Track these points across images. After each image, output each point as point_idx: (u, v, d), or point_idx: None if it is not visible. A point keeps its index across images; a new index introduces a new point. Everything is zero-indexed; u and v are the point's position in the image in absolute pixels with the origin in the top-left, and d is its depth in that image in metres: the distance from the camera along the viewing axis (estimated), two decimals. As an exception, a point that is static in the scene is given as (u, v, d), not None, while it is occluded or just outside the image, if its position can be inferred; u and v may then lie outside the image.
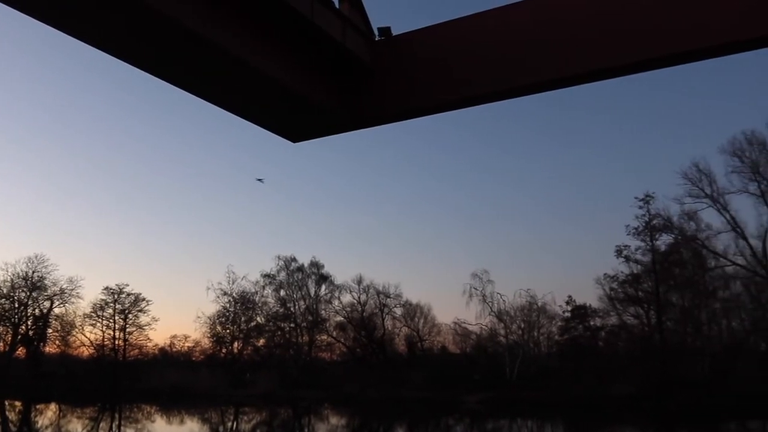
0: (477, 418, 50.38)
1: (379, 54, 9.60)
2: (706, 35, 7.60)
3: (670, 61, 8.28)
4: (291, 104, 9.11)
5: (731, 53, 8.16)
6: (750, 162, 56.68)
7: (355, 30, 9.31)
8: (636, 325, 57.54)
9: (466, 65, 9.07)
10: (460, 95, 9.28)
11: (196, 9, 7.07)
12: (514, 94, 9.64)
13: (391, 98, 9.47)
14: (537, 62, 8.79)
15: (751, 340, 55.31)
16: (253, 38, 7.96)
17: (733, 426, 43.90)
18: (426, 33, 9.52)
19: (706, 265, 56.78)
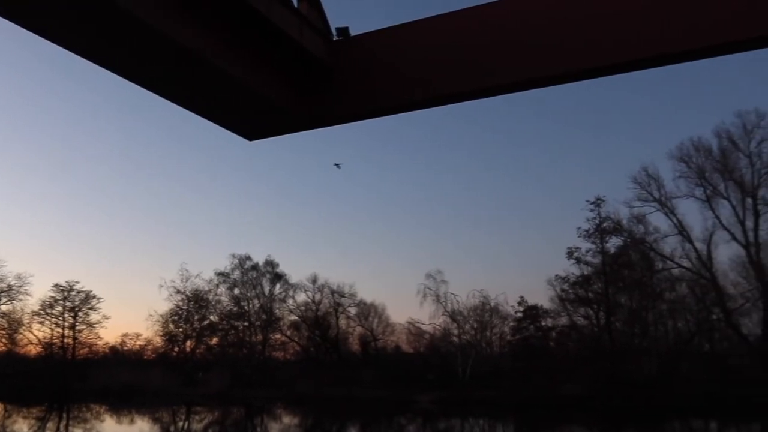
0: (429, 418, 50.68)
1: (337, 54, 9.57)
2: (668, 42, 7.81)
3: (627, 68, 8.46)
4: (247, 102, 9.01)
5: (697, 58, 8.37)
6: (696, 168, 58.64)
7: (313, 29, 9.27)
8: (586, 326, 58.76)
9: (424, 66, 9.11)
10: (418, 96, 9.32)
11: (151, 3, 6.95)
12: (472, 97, 9.73)
13: (349, 98, 9.46)
14: (493, 65, 8.89)
15: (696, 340, 57.07)
16: (209, 34, 7.84)
17: (678, 425, 45.11)
18: (384, 34, 9.53)
19: (653, 268, 58.39)
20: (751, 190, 56.68)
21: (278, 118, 9.73)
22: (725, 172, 57.87)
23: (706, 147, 58.69)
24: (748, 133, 57.34)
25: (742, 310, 55.71)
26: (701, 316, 56.05)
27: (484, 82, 9.05)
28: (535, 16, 8.66)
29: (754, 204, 56.34)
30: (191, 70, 8.03)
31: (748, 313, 55.75)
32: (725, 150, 58.20)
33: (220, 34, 8.02)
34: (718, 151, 58.43)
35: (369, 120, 10.49)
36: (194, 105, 9.26)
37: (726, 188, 57.69)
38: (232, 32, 8.21)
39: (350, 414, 53.63)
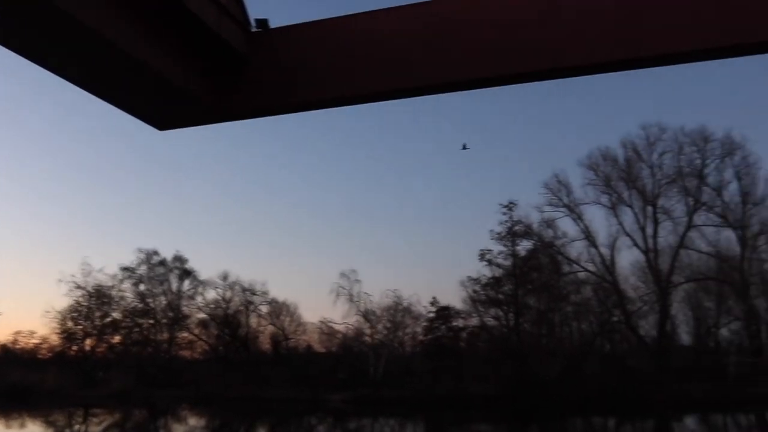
0: (340, 417, 50.62)
1: (255, 46, 9.36)
2: (577, 54, 8.07)
3: (544, 76, 8.69)
4: (160, 90, 8.67)
5: (618, 70, 8.67)
6: (603, 176, 61.49)
7: (232, 19, 9.04)
8: (496, 327, 60.22)
9: (343, 64, 9.04)
10: (336, 94, 9.24)
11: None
12: (389, 97, 9.73)
13: (266, 92, 9.27)
14: (410, 66, 8.93)
15: (598, 341, 59.65)
16: (121, 17, 7.49)
17: (579, 422, 46.90)
18: (304, 29, 9.40)
19: (560, 271, 60.67)
20: (651, 199, 59.94)
21: (191, 109, 9.43)
22: (629, 181, 60.99)
23: (613, 156, 61.75)
24: (651, 145, 60.70)
25: (641, 312, 58.92)
26: (603, 318, 58.68)
27: (401, 82, 9.06)
28: (456, 20, 8.75)
29: (654, 212, 59.65)
30: (98, 53, 7.64)
31: (645, 316, 59.05)
32: (630, 160, 61.38)
33: (133, 18, 7.67)
34: (624, 161, 61.63)
35: (287, 115, 10.34)
36: (100, 90, 8.84)
37: (629, 196, 60.86)
38: (146, 17, 7.89)
39: (260, 414, 52.85)
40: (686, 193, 59.43)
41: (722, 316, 58.32)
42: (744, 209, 57.93)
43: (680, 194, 59.69)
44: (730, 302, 57.58)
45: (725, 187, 58.85)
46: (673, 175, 60.00)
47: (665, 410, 46.00)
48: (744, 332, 56.20)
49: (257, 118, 10.21)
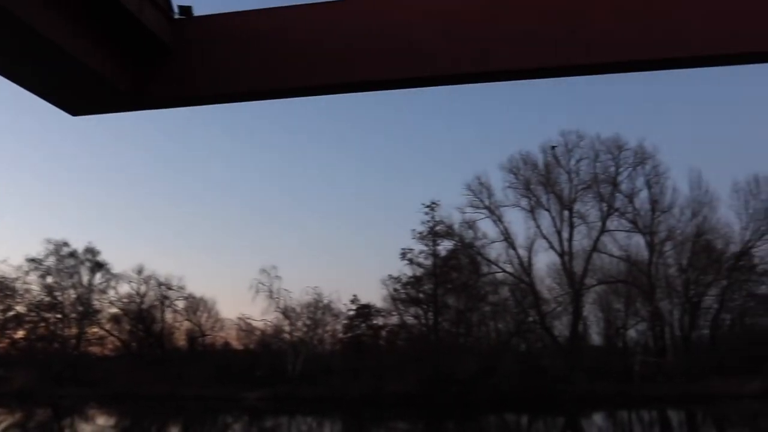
0: (257, 416, 50.00)
1: (178, 34, 9.03)
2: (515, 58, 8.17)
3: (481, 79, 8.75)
4: (75, 75, 8.22)
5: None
6: (523, 180, 63.15)
7: (154, 5, 8.68)
8: (415, 325, 60.87)
9: (268, 57, 8.82)
10: (260, 87, 9.01)
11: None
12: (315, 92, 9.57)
13: (187, 81, 8.95)
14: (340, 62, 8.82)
15: (514, 340, 61.19)
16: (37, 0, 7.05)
17: (494, 419, 47.99)
18: (230, 18, 9.14)
19: (479, 271, 61.90)
20: (568, 203, 62.05)
21: (108, 95, 8.99)
22: (548, 185, 62.88)
23: (533, 161, 63.50)
24: (569, 151, 62.80)
25: (555, 313, 60.85)
26: (519, 318, 60.27)
27: (327, 78, 8.93)
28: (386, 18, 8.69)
29: (570, 216, 61.77)
30: (11, 34, 7.16)
31: (559, 316, 60.99)
32: (549, 165, 63.27)
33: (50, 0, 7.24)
34: (543, 166, 63.42)
35: (209, 106, 10.04)
36: (10, 72, 8.31)
37: (548, 200, 62.76)
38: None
39: (173, 413, 51.49)
40: (600, 199, 61.86)
41: (630, 318, 60.93)
42: (653, 216, 60.87)
43: (595, 200, 62.12)
44: (638, 304, 60.25)
45: (636, 195, 61.68)
46: (589, 182, 62.33)
47: (576, 407, 47.70)
48: (649, 333, 58.97)
49: (179, 108, 9.86)
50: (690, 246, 59.68)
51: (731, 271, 57.86)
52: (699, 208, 60.19)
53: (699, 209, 60.18)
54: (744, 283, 58.51)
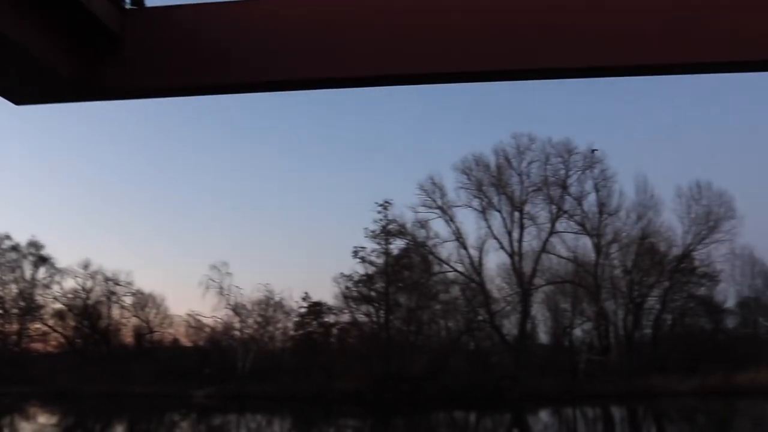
0: (204, 414, 49.37)
1: (130, 24, 8.85)
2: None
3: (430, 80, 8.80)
4: (18, 63, 7.97)
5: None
6: (476, 181, 63.91)
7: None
8: (366, 323, 61.01)
9: (221, 51, 8.68)
10: (212, 82, 8.84)
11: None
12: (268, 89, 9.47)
13: (137, 73, 8.74)
14: (296, 59, 8.75)
15: (463, 339, 61.91)
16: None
17: (442, 416, 48.47)
18: (184, 10, 9.01)
19: (431, 270, 62.43)
20: (519, 204, 63.16)
21: (53, 85, 8.71)
22: (499, 186, 63.84)
23: (485, 163, 64.33)
24: (520, 154, 63.89)
25: (504, 312, 61.84)
26: (469, 317, 60.99)
27: (281, 75, 8.82)
28: (353, 14, 8.67)
29: (521, 217, 62.90)
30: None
31: (508, 315, 62.02)
32: (501, 167, 64.24)
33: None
34: (495, 167, 64.33)
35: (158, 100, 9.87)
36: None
37: (499, 201, 63.74)
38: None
39: (119, 411, 50.40)
40: (550, 201, 63.18)
41: (576, 317, 62.38)
42: (600, 219, 62.53)
43: (545, 202, 63.43)
44: (584, 304, 61.75)
45: (585, 198, 63.25)
46: (540, 184, 63.62)
47: (523, 404, 48.57)
48: (594, 332, 60.46)
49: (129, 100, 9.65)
50: (635, 248, 61.49)
51: (673, 273, 59.80)
52: (644, 212, 62.16)
53: (644, 213, 62.15)
54: (685, 285, 60.55)
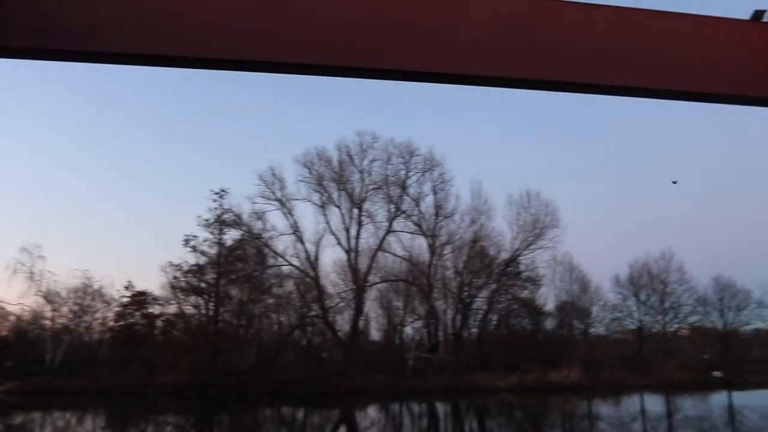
0: (4, 411, 45.98)
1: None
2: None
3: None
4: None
5: None
6: (317, 175, 65.13)
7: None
8: (194, 315, 59.86)
9: (109, 17, 8.86)
10: (92, 48, 8.97)
11: None
12: (146, 63, 9.73)
13: (21, 30, 8.72)
14: (175, 32, 9.09)
15: (296, 334, 62.71)
16: None
17: (270, 412, 48.89)
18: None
19: (266, 263, 62.62)
20: (358, 202, 65.28)
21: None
22: (340, 182, 65.53)
23: (327, 157, 65.75)
24: (363, 151, 66.06)
25: (337, 308, 63.56)
26: (303, 312, 61.98)
27: (166, 49, 9.18)
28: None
29: (359, 215, 65.05)
30: None
31: (341, 312, 63.81)
32: (343, 163, 66.07)
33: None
34: (337, 163, 65.99)
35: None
36: None
37: (339, 197, 65.52)
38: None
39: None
40: (389, 200, 65.96)
41: (408, 315, 65.54)
42: (436, 220, 66.41)
43: (384, 200, 66.11)
44: (416, 303, 65.04)
45: (423, 199, 66.88)
46: (380, 182, 66.14)
47: (352, 400, 50.27)
48: (424, 330, 63.88)
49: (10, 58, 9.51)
50: (466, 251, 65.75)
51: (500, 276, 64.78)
52: (477, 216, 66.83)
53: (477, 217, 66.83)
54: (510, 288, 65.84)
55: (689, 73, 11.06)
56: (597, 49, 11.15)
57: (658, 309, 72.29)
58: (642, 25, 11.58)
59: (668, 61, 11.07)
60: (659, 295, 72.27)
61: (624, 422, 38.61)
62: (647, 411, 45.28)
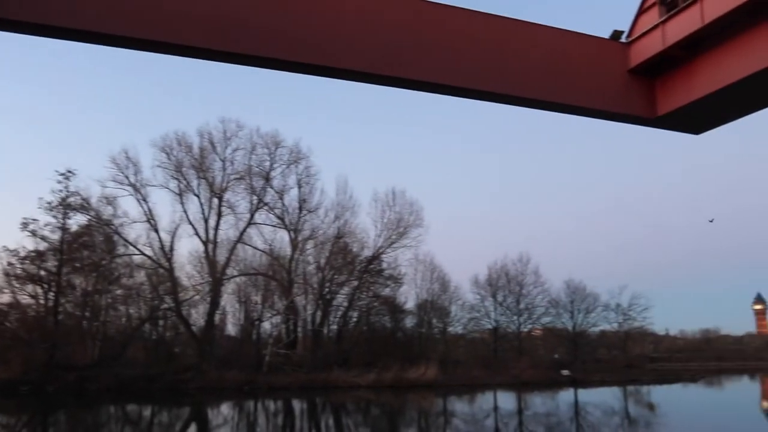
0: None
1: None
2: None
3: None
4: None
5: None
6: (175, 161, 62.88)
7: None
8: (31, 305, 56.01)
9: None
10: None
11: None
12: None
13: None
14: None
15: (146, 327, 60.35)
16: None
17: (113, 409, 46.78)
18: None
19: (115, 251, 59.84)
20: (219, 191, 63.74)
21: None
22: (201, 170, 63.70)
23: (188, 143, 63.66)
24: (226, 140, 64.59)
25: (192, 301, 61.89)
26: (154, 304, 59.81)
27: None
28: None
29: (219, 205, 63.57)
30: None
31: (196, 305, 62.19)
32: (204, 150, 64.20)
33: None
34: (198, 150, 64.03)
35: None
36: None
37: (198, 186, 63.68)
38: None
39: None
40: (252, 192, 64.97)
41: (267, 310, 64.98)
42: (300, 214, 66.25)
43: (246, 191, 64.99)
44: (275, 298, 64.57)
45: (287, 192, 66.45)
46: (243, 173, 64.99)
47: (205, 397, 49.15)
48: (283, 326, 63.40)
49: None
50: (329, 247, 66.01)
51: (362, 273, 65.56)
52: (342, 212, 67.34)
53: (342, 213, 67.33)
54: (372, 285, 66.89)
55: (548, 84, 11.94)
56: (463, 53, 11.72)
57: (513, 310, 76.33)
58: (508, 33, 12.31)
59: (530, 70, 11.86)
60: (515, 297, 76.33)
61: (477, 419, 40.21)
62: (500, 408, 47.51)
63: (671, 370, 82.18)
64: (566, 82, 11.29)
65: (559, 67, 11.27)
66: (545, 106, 11.63)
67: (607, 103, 11.80)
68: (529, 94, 11.02)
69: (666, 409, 45.50)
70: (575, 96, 11.43)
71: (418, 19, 10.08)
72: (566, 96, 11.33)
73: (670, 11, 11.42)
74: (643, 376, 70.96)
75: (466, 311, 74.50)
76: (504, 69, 10.67)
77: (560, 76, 11.26)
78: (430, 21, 10.21)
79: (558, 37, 11.40)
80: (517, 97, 11.01)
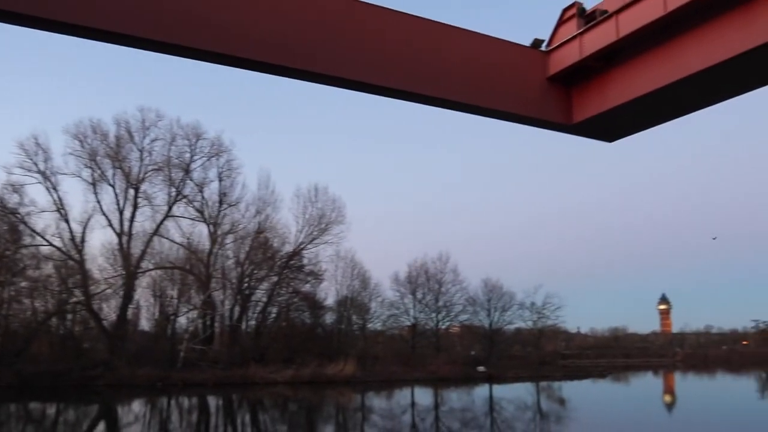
0: None
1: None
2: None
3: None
4: None
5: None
6: (89, 149, 60.90)
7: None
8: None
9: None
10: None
11: None
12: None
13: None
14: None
15: (52, 321, 58.20)
16: None
17: (14, 408, 45.08)
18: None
19: (21, 242, 57.51)
20: (135, 182, 62.15)
21: None
22: (116, 160, 61.87)
23: (104, 131, 61.69)
24: (144, 129, 62.97)
25: (104, 295, 60.08)
26: (63, 298, 57.80)
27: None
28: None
29: (136, 196, 62.03)
30: None
31: (108, 299, 60.41)
32: (121, 139, 62.44)
33: None
34: (114, 139, 62.20)
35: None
36: None
37: (113, 176, 61.87)
38: None
39: None
40: (170, 183, 63.63)
41: (183, 305, 63.76)
42: (220, 208, 65.39)
43: (164, 183, 63.62)
44: (192, 292, 63.47)
45: (207, 185, 65.43)
46: (161, 164, 63.57)
47: (116, 394, 48.01)
48: (200, 321, 62.41)
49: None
50: (249, 241, 65.42)
51: (282, 268, 65.29)
52: (263, 207, 66.93)
53: (263, 208, 66.93)
54: (292, 281, 66.77)
55: (468, 87, 12.35)
56: (381, 51, 12.04)
57: (432, 307, 77.60)
58: (429, 34, 12.70)
59: (450, 72, 12.22)
60: (434, 294, 77.60)
61: (395, 414, 40.80)
62: (417, 403, 48.33)
63: (581, 366, 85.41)
64: (486, 85, 11.69)
65: (479, 70, 11.66)
66: (464, 109, 12.01)
67: (526, 108, 12.29)
68: (449, 96, 11.37)
69: (576, 403, 47.49)
70: (495, 100, 11.86)
71: (334, 15, 10.29)
72: (486, 99, 11.75)
73: (587, 24, 11.97)
74: (555, 372, 73.53)
75: (385, 308, 75.42)
76: (423, 70, 10.97)
77: (480, 80, 11.65)
78: (347, 17, 10.43)
79: (480, 41, 11.80)
80: (437, 98, 11.34)
